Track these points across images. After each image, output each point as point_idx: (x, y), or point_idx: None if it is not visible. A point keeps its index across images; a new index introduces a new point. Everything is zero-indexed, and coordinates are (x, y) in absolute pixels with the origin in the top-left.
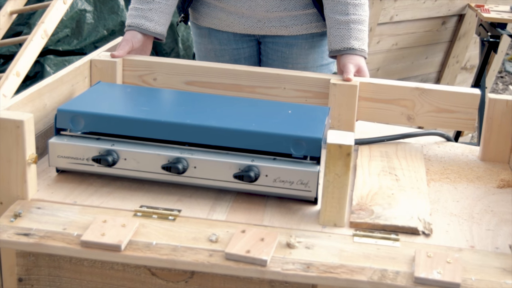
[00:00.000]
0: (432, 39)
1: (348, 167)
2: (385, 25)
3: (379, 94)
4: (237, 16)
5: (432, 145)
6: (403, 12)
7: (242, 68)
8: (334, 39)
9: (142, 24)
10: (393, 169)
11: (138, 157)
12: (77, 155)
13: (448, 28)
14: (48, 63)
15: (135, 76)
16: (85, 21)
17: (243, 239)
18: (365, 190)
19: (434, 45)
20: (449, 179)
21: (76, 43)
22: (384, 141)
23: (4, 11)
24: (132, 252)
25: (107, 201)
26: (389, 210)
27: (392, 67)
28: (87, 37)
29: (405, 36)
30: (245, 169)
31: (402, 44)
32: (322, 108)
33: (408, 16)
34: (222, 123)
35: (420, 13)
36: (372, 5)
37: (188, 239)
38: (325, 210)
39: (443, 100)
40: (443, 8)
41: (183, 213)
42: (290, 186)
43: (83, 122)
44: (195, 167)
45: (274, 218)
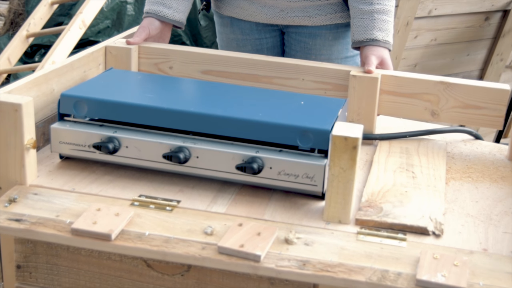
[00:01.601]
0: (474, 35)
1: (355, 161)
2: (423, 19)
3: (402, 87)
4: (259, 6)
5: (458, 143)
6: (443, 6)
7: (260, 58)
8: (357, 29)
9: (160, 11)
10: (411, 166)
11: (140, 145)
12: (79, 141)
13: (491, 24)
14: None
15: (150, 64)
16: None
17: (239, 233)
18: (377, 187)
19: (477, 42)
20: (471, 178)
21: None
22: (406, 137)
23: (45, 1)
24: (123, 242)
25: (106, 190)
26: (400, 208)
27: (430, 63)
28: (128, 29)
29: (445, 32)
30: (249, 160)
31: (442, 40)
32: (337, 100)
33: (448, 11)
34: (227, 112)
35: (461, 8)
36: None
37: (182, 231)
38: (330, 205)
39: (469, 95)
40: (486, 3)
41: (182, 204)
42: (295, 179)
43: (86, 107)
44: (197, 157)
45: (277, 212)
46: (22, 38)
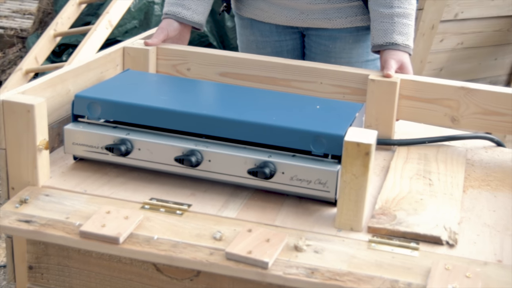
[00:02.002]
0: (502, 39)
1: (367, 168)
2: (449, 22)
3: (422, 92)
4: (279, 7)
5: (479, 150)
6: (469, 9)
7: (277, 61)
8: (376, 33)
9: (179, 12)
10: (428, 173)
11: (152, 147)
12: (92, 143)
13: None
14: None
15: (168, 66)
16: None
17: (248, 239)
18: (392, 194)
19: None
20: (489, 187)
21: None
22: (425, 143)
23: (73, 1)
24: (131, 245)
25: (118, 192)
26: (414, 216)
27: (457, 67)
28: None
29: (472, 35)
30: (261, 165)
31: (468, 44)
32: (354, 105)
33: (475, 14)
34: (240, 115)
35: (488, 11)
36: (435, 1)
37: (191, 236)
38: (341, 212)
39: (490, 101)
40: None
41: (193, 208)
42: (308, 185)
43: (100, 109)
44: (209, 161)
45: (288, 218)
46: (50, 38)
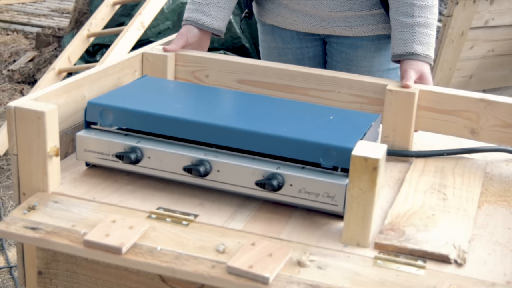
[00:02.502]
0: None
1: (375, 183)
2: (479, 29)
3: (440, 103)
4: (300, 14)
5: (500, 163)
6: (500, 16)
7: (295, 69)
8: (397, 42)
9: (199, 19)
10: (443, 187)
11: (162, 156)
12: (103, 150)
13: None
14: None
15: (187, 72)
16: None
17: (250, 253)
18: (404, 208)
19: None
20: (506, 202)
21: None
22: (443, 155)
23: (107, 2)
24: (133, 256)
25: (126, 200)
26: (424, 232)
27: (487, 74)
28: None
29: (503, 42)
30: (269, 176)
31: (500, 51)
32: (369, 116)
33: (507, 21)
34: (250, 125)
35: None
36: (464, 8)
37: (195, 247)
38: (348, 227)
39: (510, 114)
40: None
41: (200, 219)
42: (316, 198)
43: (112, 116)
44: (218, 171)
45: (294, 231)
46: (83, 38)
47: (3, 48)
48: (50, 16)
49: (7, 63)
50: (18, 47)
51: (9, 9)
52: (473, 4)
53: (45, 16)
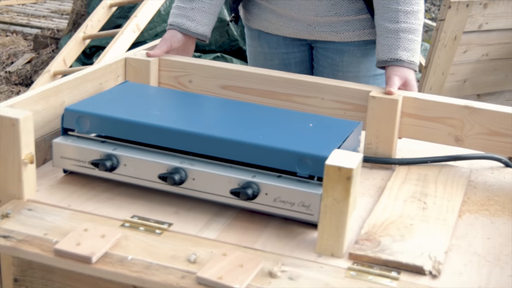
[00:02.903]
0: None
1: (349, 193)
2: (473, 33)
3: (424, 110)
4: (286, 19)
5: (485, 171)
6: (495, 20)
7: (278, 74)
8: (381, 48)
9: (183, 24)
10: (424, 195)
11: (138, 163)
12: (80, 157)
13: None
14: None
15: (171, 77)
16: None
17: (221, 263)
18: (381, 218)
19: None
20: (488, 212)
21: None
22: (427, 163)
23: (104, 4)
24: (104, 265)
25: (101, 208)
26: (400, 243)
27: (482, 79)
28: None
29: (498, 47)
30: (244, 185)
31: (494, 55)
32: (349, 123)
33: (501, 25)
34: (226, 133)
35: None
36: (457, 12)
37: (166, 257)
38: (322, 238)
39: (495, 121)
40: None
41: (174, 227)
42: (291, 207)
43: (89, 123)
44: (193, 179)
45: (269, 241)
46: (79, 40)
47: (1, 50)
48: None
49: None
50: (16, 49)
51: (9, 10)
52: (466, 8)
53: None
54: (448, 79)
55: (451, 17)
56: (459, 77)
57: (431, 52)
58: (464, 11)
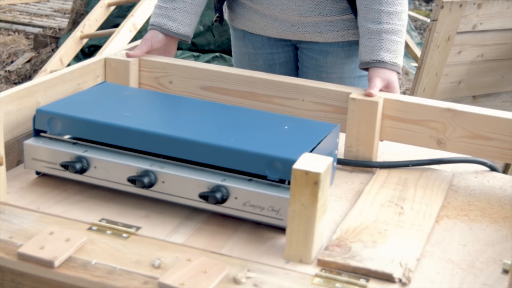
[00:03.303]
0: None
1: (316, 198)
2: (467, 34)
3: (406, 113)
4: (270, 19)
5: (468, 175)
6: (489, 20)
7: (258, 75)
8: (364, 49)
9: (164, 24)
10: (402, 200)
11: (108, 166)
12: (50, 159)
13: None
14: None
15: (151, 78)
16: None
17: (185, 269)
18: (356, 222)
19: None
20: (467, 217)
21: None
22: (409, 166)
23: (102, 3)
24: (65, 270)
25: (71, 210)
26: (371, 249)
27: (477, 80)
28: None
29: (493, 47)
30: (213, 189)
31: (490, 56)
32: (326, 126)
33: (496, 26)
34: (197, 135)
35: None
36: (450, 12)
37: (130, 262)
38: (290, 243)
39: (478, 124)
40: None
41: (142, 231)
42: (261, 212)
43: (60, 124)
44: (163, 182)
45: (237, 246)
46: (76, 39)
47: (2, 49)
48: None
49: (4, 64)
50: (17, 48)
51: (12, 9)
52: (459, 8)
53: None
54: (442, 80)
55: (444, 17)
56: (454, 78)
57: (424, 53)
58: (458, 11)
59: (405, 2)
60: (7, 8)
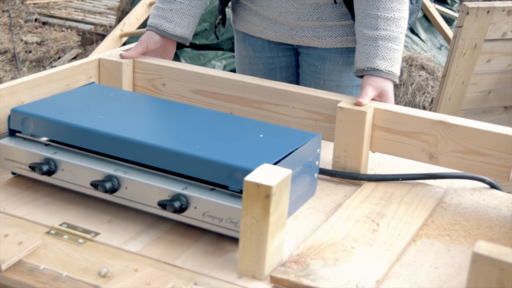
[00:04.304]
0: None
1: (268, 212)
2: (496, 42)
3: (397, 124)
4: (270, 22)
5: (464, 192)
6: None
7: (249, 80)
8: (359, 56)
9: (161, 25)
10: (381, 216)
11: (74, 169)
12: (21, 159)
13: None
14: (184, 55)
15: (145, 80)
16: None
17: (129, 279)
18: (323, 238)
19: None
20: (449, 237)
21: (213, 38)
22: (398, 180)
23: (143, 2)
24: (12, 274)
25: (36, 213)
26: (331, 268)
27: (508, 90)
28: (225, 33)
29: None
30: (174, 197)
31: None
32: (305, 135)
33: None
34: (162, 141)
35: None
36: (476, 18)
37: (78, 269)
38: (243, 258)
39: (471, 139)
40: None
41: (100, 237)
42: (219, 223)
43: (33, 125)
44: (126, 188)
45: (193, 258)
46: (115, 37)
47: (52, 45)
48: (105, 14)
49: (52, 60)
50: (66, 44)
51: (68, 5)
52: (486, 15)
53: (100, 14)
54: (470, 90)
55: (470, 23)
56: (483, 88)
57: (449, 60)
58: (485, 17)
59: (404, 9)
60: (63, 4)
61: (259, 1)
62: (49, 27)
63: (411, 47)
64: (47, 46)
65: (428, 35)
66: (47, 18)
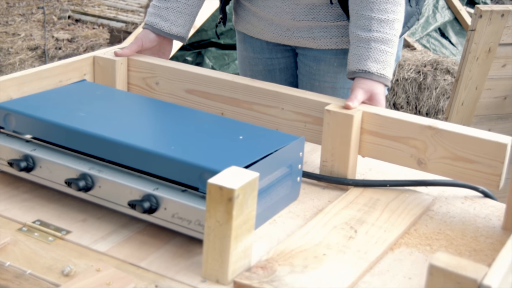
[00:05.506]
0: None
1: (231, 215)
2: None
3: (385, 128)
4: (267, 23)
5: (455, 200)
6: None
7: (239, 80)
8: (351, 58)
9: (156, 23)
10: (361, 223)
11: (51, 166)
12: (2, 155)
13: None
14: (208, 55)
15: (139, 78)
16: None
17: (90, 279)
18: (295, 244)
19: None
20: (429, 247)
21: None
22: (386, 186)
23: None
24: None
25: (12, 209)
26: (297, 275)
27: None
28: None
29: None
30: (144, 197)
31: None
32: (286, 138)
33: None
34: (136, 140)
35: None
36: (490, 22)
37: (43, 267)
38: (207, 261)
39: (460, 145)
40: None
41: (70, 236)
42: (188, 225)
43: (14, 121)
44: (100, 186)
45: (159, 260)
46: None
47: (82, 42)
48: (138, 12)
49: None
50: (96, 42)
51: (101, 3)
52: (501, 18)
53: (132, 12)
54: (484, 95)
55: (483, 27)
56: (498, 93)
57: (462, 64)
58: (499, 21)
59: (399, 11)
60: (97, 2)
61: (256, 1)
62: (82, 25)
63: (440, 50)
64: (77, 43)
65: (459, 39)
66: (80, 15)
